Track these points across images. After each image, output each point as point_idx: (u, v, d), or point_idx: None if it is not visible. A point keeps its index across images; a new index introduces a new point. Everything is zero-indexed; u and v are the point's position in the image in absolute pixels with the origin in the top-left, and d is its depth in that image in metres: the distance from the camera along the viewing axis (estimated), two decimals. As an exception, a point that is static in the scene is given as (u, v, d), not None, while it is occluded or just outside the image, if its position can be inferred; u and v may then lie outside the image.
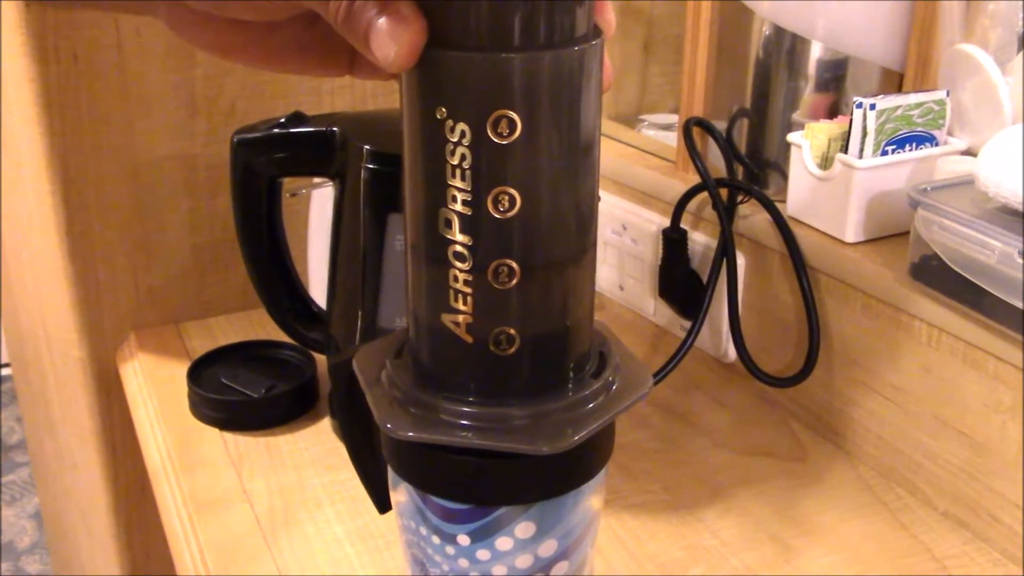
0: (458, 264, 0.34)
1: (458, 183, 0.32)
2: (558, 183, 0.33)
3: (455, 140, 0.32)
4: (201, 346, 0.77)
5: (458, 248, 0.33)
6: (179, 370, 0.73)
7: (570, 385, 0.36)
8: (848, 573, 0.55)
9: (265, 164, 0.64)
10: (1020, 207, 0.52)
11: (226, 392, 0.69)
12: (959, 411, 0.57)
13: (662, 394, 0.71)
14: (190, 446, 0.67)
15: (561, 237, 0.34)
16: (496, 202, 0.33)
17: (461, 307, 0.34)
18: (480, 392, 0.35)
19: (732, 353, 0.71)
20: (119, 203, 0.78)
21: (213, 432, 0.68)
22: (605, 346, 0.39)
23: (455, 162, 0.32)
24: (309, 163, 0.64)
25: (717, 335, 0.73)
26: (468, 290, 0.34)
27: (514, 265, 0.33)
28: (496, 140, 0.32)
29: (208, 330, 0.82)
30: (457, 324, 0.34)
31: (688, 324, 0.72)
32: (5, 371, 2.59)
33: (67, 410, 0.89)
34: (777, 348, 0.69)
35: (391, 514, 0.43)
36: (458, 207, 0.33)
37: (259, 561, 0.56)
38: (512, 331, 0.34)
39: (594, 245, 0.36)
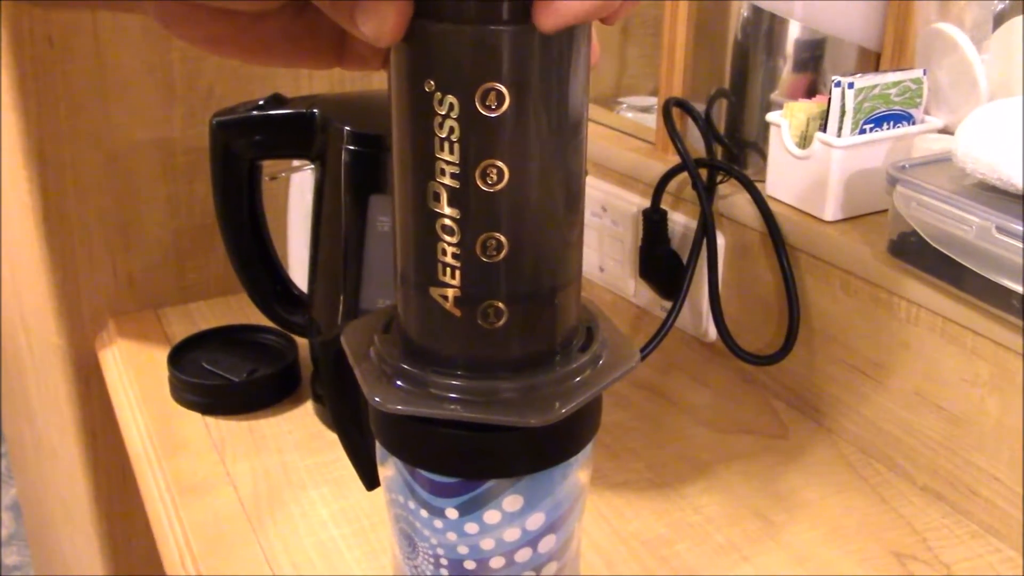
0: (446, 238, 0.34)
1: (446, 156, 0.32)
2: (546, 157, 0.33)
3: (443, 113, 0.32)
4: (181, 332, 0.77)
5: (446, 221, 0.33)
6: (159, 356, 0.73)
7: (558, 359, 0.36)
8: (830, 547, 0.56)
9: (244, 147, 0.63)
10: (997, 183, 0.53)
11: (207, 376, 0.69)
12: (938, 386, 0.58)
13: (643, 374, 0.72)
14: (172, 431, 0.67)
15: (549, 211, 0.34)
16: (484, 175, 0.33)
17: (449, 281, 0.34)
18: (468, 366, 0.35)
19: (713, 332, 0.72)
20: (96, 188, 0.78)
21: (195, 416, 0.68)
22: (592, 321, 0.39)
23: (443, 135, 0.32)
24: (289, 145, 0.63)
25: (697, 315, 0.73)
26: (456, 264, 0.34)
27: (502, 238, 0.33)
28: (484, 113, 0.32)
29: (188, 316, 0.82)
30: (445, 298, 0.35)
31: (668, 304, 0.72)
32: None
33: (46, 398, 0.89)
34: (757, 327, 0.70)
35: (376, 495, 0.43)
36: (447, 180, 0.33)
37: (244, 544, 0.56)
38: (500, 305, 0.34)
39: (582, 220, 0.36)
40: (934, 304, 0.57)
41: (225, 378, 0.69)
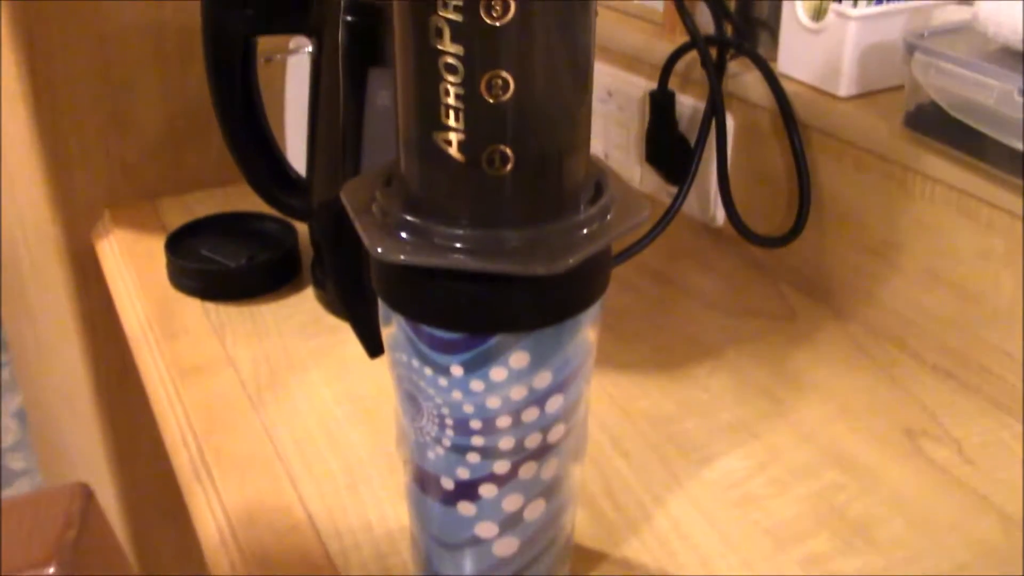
0: (449, 77, 0.32)
1: (448, -13, 0.31)
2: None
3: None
4: (178, 222, 0.75)
5: (449, 60, 0.32)
6: (156, 245, 0.72)
7: (566, 210, 0.35)
8: (839, 425, 0.55)
9: (238, 21, 0.61)
10: (1020, 47, 0.51)
11: (206, 263, 0.68)
12: (951, 263, 0.57)
13: (650, 260, 0.70)
14: (171, 316, 0.66)
15: (558, 47, 0.32)
16: (489, 8, 0.31)
17: (452, 124, 0.33)
18: (474, 216, 0.34)
19: (721, 217, 0.70)
20: (87, 74, 0.76)
21: (193, 302, 0.67)
22: (602, 176, 0.37)
23: (445, -38, 0.30)
24: (284, 18, 0.61)
25: (705, 200, 0.72)
26: (460, 105, 0.32)
27: (508, 77, 0.32)
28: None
29: (186, 206, 0.80)
30: (449, 143, 0.33)
31: (675, 190, 0.70)
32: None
33: (44, 293, 0.88)
34: (767, 210, 0.68)
35: (381, 377, 0.42)
36: (449, 14, 0.31)
37: (246, 423, 0.56)
38: (506, 149, 0.33)
39: (592, 63, 0.35)
40: (950, 177, 0.55)
41: (224, 264, 0.67)
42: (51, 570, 0.26)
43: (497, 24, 0.31)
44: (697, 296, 0.67)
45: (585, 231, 0.35)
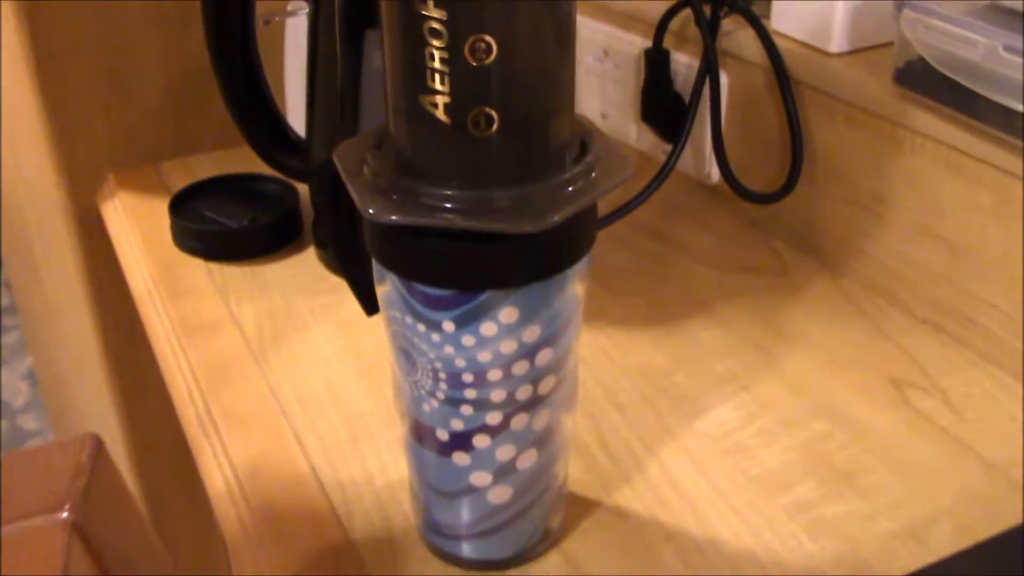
0: (434, 41, 0.33)
1: (432, -50, 0.31)
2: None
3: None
4: (181, 184, 0.76)
5: (433, 24, 0.33)
6: (160, 207, 0.73)
7: (551, 169, 0.36)
8: (828, 376, 0.56)
9: (236, -16, 0.62)
10: (1011, 4, 0.51)
11: (209, 224, 0.69)
12: (940, 217, 0.58)
13: (645, 217, 0.71)
14: (175, 276, 0.67)
15: (540, 10, 0.33)
16: (471, -25, 0.32)
17: (438, 87, 0.34)
18: (462, 177, 0.35)
19: (715, 174, 0.71)
20: (89, 38, 0.76)
21: (197, 262, 0.68)
22: (587, 134, 0.38)
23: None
24: (281, -20, 0.62)
25: (700, 157, 0.73)
26: (445, 69, 0.33)
27: (491, 40, 0.33)
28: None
29: (188, 168, 0.82)
30: (435, 105, 0.34)
31: (671, 148, 0.71)
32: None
33: (51, 255, 0.89)
34: (761, 168, 0.69)
35: (379, 332, 0.43)
36: (433, -21, 0.32)
37: (250, 379, 0.57)
38: (491, 111, 0.34)
39: (574, 22, 0.36)
40: (938, 133, 0.56)
41: (226, 225, 0.69)
42: (64, 515, 0.28)
43: (480, -11, 0.32)
44: (691, 252, 0.68)
45: (570, 189, 0.36)
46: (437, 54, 0.33)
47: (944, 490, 0.48)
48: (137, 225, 0.74)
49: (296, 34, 0.72)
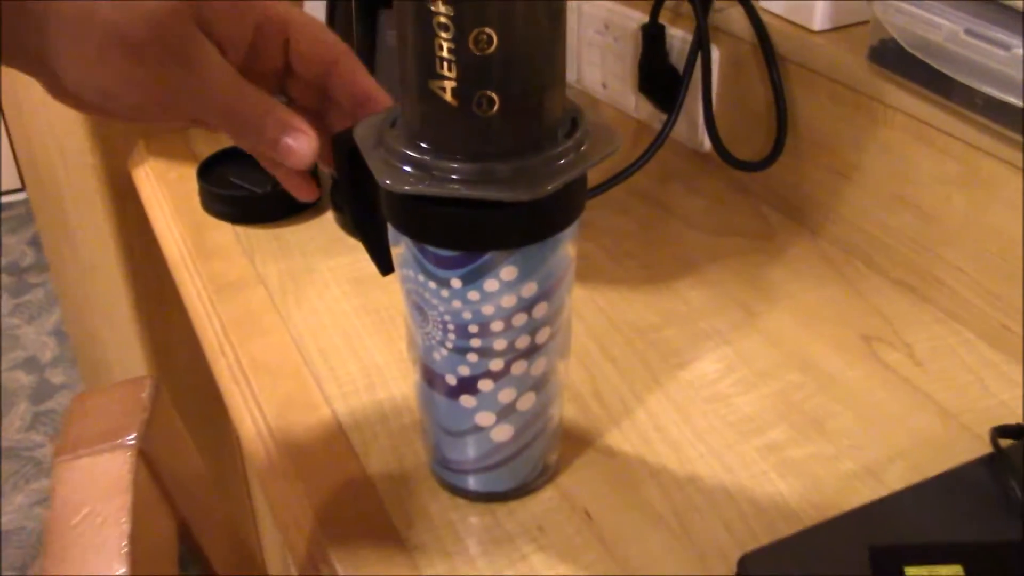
0: (442, 34, 0.38)
1: (440, -43, 0.36)
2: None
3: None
4: (208, 151, 0.81)
5: (441, 19, 0.38)
6: (188, 172, 0.78)
7: (545, 144, 0.41)
8: (804, 332, 0.61)
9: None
10: (971, -12, 0.55)
11: (235, 189, 0.74)
12: (912, 186, 0.63)
13: (641, 183, 0.76)
14: (204, 239, 0.73)
15: (536, 6, 0.38)
16: (474, -24, 0.37)
17: (446, 73, 0.39)
18: (467, 151, 0.40)
19: (707, 143, 0.76)
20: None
21: (225, 226, 0.74)
22: (577, 112, 0.43)
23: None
24: (302, -36, 0.66)
25: (693, 127, 0.77)
26: (452, 57, 0.38)
27: (492, 33, 0.38)
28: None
29: (215, 136, 0.86)
30: (443, 89, 0.39)
31: (666, 117, 0.76)
32: (7, 198, 2.64)
33: (84, 217, 0.94)
34: (749, 137, 0.73)
35: (394, 294, 0.48)
36: (441, -20, 0.37)
37: (275, 333, 0.63)
38: (492, 94, 0.39)
39: (564, 18, 0.40)
40: (909, 108, 0.61)
41: (251, 190, 0.74)
42: (131, 440, 0.33)
43: (482, -11, 0.37)
44: (683, 217, 0.73)
45: (563, 161, 0.41)
46: (445, 44, 0.38)
47: (902, 434, 0.54)
48: (167, 190, 0.79)
49: (315, 13, 0.77)
